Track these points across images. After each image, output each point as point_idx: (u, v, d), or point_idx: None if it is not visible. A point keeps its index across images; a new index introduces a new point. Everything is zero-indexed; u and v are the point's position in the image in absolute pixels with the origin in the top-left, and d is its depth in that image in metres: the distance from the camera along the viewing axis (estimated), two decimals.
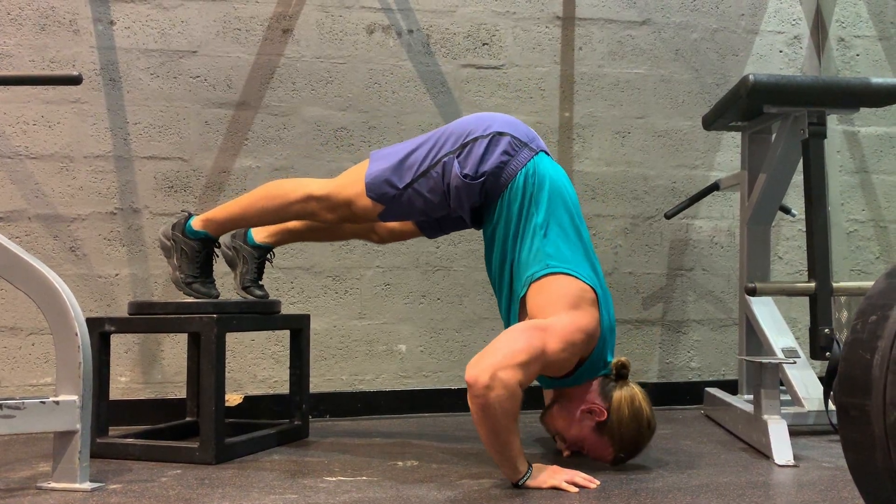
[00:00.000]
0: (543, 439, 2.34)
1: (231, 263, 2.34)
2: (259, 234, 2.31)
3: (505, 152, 1.91)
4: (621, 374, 1.89)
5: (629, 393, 1.86)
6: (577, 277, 1.84)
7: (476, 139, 1.92)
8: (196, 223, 2.19)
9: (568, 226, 1.90)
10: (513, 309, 1.94)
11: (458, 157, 1.92)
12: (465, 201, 1.94)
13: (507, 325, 1.98)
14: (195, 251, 2.19)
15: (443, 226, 2.22)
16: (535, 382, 1.92)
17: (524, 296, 1.87)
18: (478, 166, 1.90)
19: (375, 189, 1.97)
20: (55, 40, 2.73)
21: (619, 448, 1.87)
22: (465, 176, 1.90)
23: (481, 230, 2.06)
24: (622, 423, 1.84)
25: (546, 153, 1.99)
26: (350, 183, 2.01)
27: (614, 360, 1.91)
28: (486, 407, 1.63)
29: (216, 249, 2.26)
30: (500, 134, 1.93)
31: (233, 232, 2.33)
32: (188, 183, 2.80)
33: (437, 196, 1.95)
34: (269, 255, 2.35)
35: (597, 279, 1.90)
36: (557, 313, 1.79)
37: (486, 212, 1.99)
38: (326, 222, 2.10)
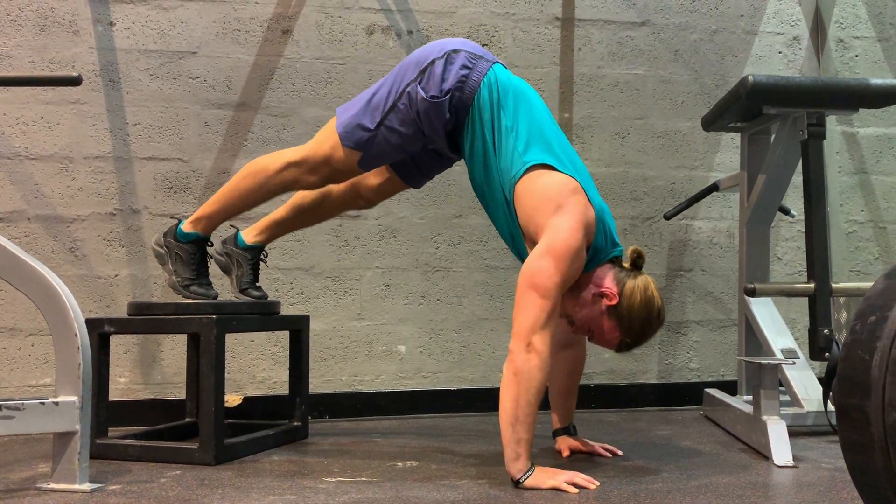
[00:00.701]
0: (542, 443, 2.34)
1: (225, 269, 2.33)
2: (248, 235, 2.31)
3: (463, 66, 1.95)
4: (636, 263, 1.93)
5: (643, 282, 1.89)
6: (553, 168, 1.87)
7: (433, 62, 1.96)
8: (186, 226, 2.20)
9: (538, 122, 1.93)
10: (511, 221, 1.95)
11: (419, 83, 1.95)
12: (437, 123, 1.96)
13: (511, 239, 2.00)
14: (189, 254, 2.20)
15: (422, 168, 2.22)
16: None
17: (514, 203, 1.90)
18: (440, 85, 1.94)
19: (349, 136, 2.00)
20: (55, 41, 2.73)
21: (627, 332, 1.89)
22: (431, 97, 1.93)
23: (461, 157, 2.08)
24: (633, 309, 1.86)
25: (501, 64, 2.03)
26: (323, 139, 2.05)
27: (630, 249, 1.93)
28: (519, 373, 1.72)
29: (209, 249, 2.26)
30: (455, 51, 1.97)
31: (223, 239, 2.33)
32: (188, 184, 2.80)
33: (410, 127, 1.98)
34: (262, 255, 2.33)
35: (573, 168, 1.91)
36: (547, 223, 1.80)
37: (459, 134, 2.01)
38: (310, 186, 2.11)
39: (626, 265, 1.93)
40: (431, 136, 2.00)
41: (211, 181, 2.81)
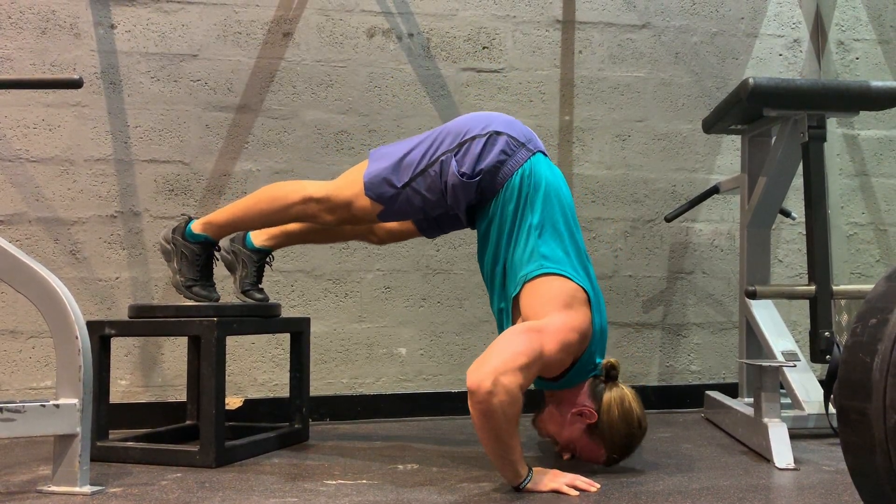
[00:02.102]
0: (543, 443, 2.33)
1: (230, 267, 2.34)
2: (258, 238, 2.31)
3: (502, 151, 1.92)
4: (611, 375, 1.90)
5: (619, 394, 1.86)
6: (569, 278, 1.85)
7: (474, 138, 1.93)
8: (196, 227, 2.19)
9: (563, 228, 1.91)
10: (505, 308, 1.95)
11: (455, 155, 1.93)
12: (462, 199, 1.95)
13: (499, 322, 1.99)
14: (195, 254, 2.19)
15: (441, 225, 2.23)
16: (531, 386, 1.92)
17: (517, 295, 1.88)
18: (475, 165, 1.91)
19: (374, 188, 1.98)
20: (56, 44, 2.74)
21: (611, 449, 1.88)
22: (463, 174, 1.91)
23: (475, 228, 2.07)
24: (612, 425, 1.84)
25: (544, 154, 2.00)
26: (349, 184, 2.02)
27: (604, 361, 1.91)
28: (489, 412, 1.62)
29: (216, 253, 2.26)
30: (498, 133, 1.94)
31: (231, 236, 2.33)
32: (188, 186, 2.80)
33: (435, 194, 1.96)
34: (268, 259, 2.34)
35: (589, 282, 1.90)
36: (550, 313, 1.79)
37: (480, 210, 2.00)
38: (326, 224, 2.10)
39: (602, 377, 1.91)
40: (453, 206, 1.98)
41: (212, 184, 2.82)
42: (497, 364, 1.64)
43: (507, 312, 1.94)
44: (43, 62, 2.73)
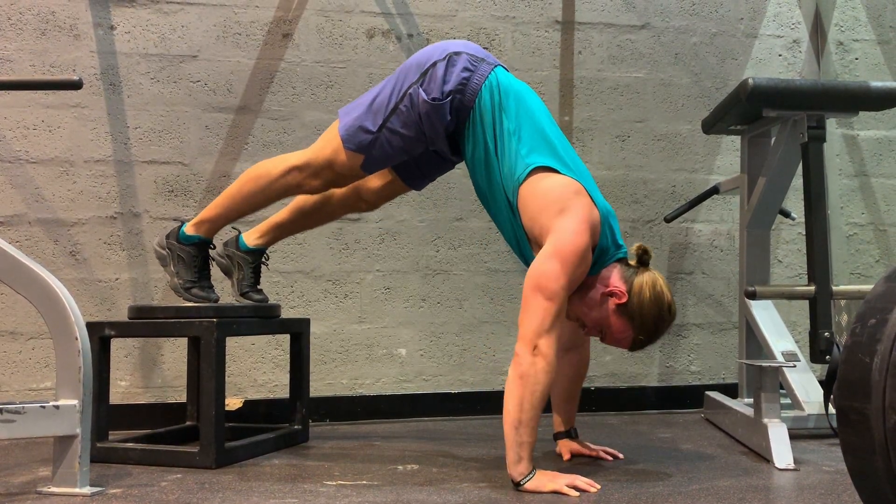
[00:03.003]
0: (544, 443, 2.33)
1: (227, 272, 2.33)
2: (250, 238, 2.31)
3: (465, 69, 1.95)
4: (643, 260, 1.91)
5: (651, 277, 1.88)
6: (556, 171, 1.87)
7: (434, 63, 1.96)
8: (189, 228, 2.20)
9: (540, 125, 1.93)
10: (516, 223, 1.94)
11: (421, 85, 1.95)
12: (438, 125, 1.96)
13: (515, 243, 1.99)
14: (191, 256, 2.20)
15: (425, 170, 2.22)
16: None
17: (518, 206, 1.89)
18: (442, 87, 1.94)
19: (352, 139, 2.00)
20: (55, 45, 2.74)
21: (639, 330, 1.88)
22: (433, 99, 1.93)
23: (462, 160, 2.08)
24: (643, 305, 1.86)
25: (504, 67, 2.03)
26: (326, 143, 2.05)
27: (634, 246, 1.92)
28: (525, 376, 1.71)
29: (211, 252, 2.26)
30: (457, 53, 1.97)
31: (224, 241, 2.33)
32: (188, 187, 2.80)
33: (412, 129, 1.98)
34: (263, 258, 2.33)
35: (576, 169, 1.91)
36: (552, 225, 1.80)
37: (461, 137, 2.01)
38: (313, 190, 2.11)
39: (633, 262, 1.93)
40: (433, 138, 2.00)
41: (211, 185, 2.82)
42: (534, 326, 1.73)
43: (518, 225, 1.93)
44: (43, 63, 2.73)
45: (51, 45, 2.73)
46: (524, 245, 1.95)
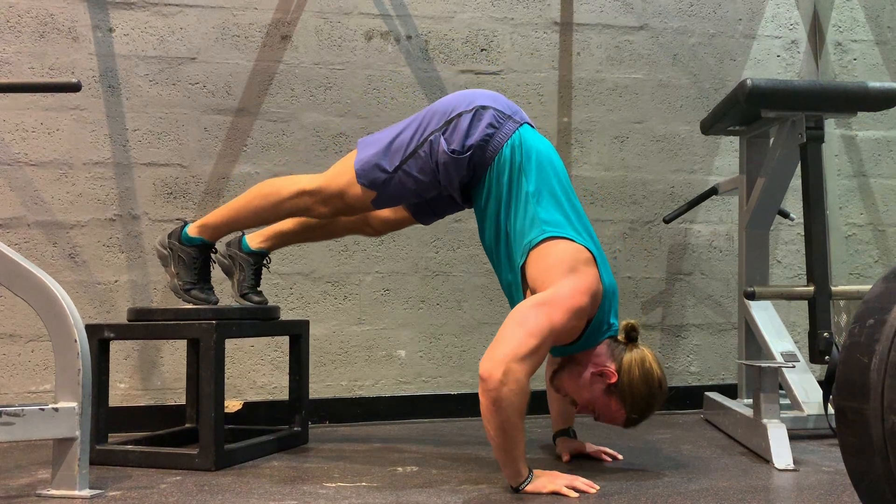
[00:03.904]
0: (544, 445, 2.34)
1: (227, 272, 2.33)
2: (253, 240, 2.31)
3: (490, 125, 1.93)
4: (631, 336, 1.91)
5: (639, 355, 1.87)
6: (572, 240, 1.85)
7: (460, 114, 1.94)
8: (192, 230, 2.19)
9: (559, 192, 1.91)
10: (513, 280, 1.95)
11: (443, 133, 1.93)
12: (454, 177, 1.95)
13: (509, 295, 1.99)
14: (192, 258, 2.19)
15: (435, 209, 2.22)
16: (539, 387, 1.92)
17: (524, 264, 1.88)
18: (464, 140, 1.92)
19: (366, 175, 1.99)
20: (54, 47, 2.74)
21: (632, 409, 1.87)
22: (453, 151, 1.92)
23: (473, 207, 2.08)
24: (633, 385, 1.85)
25: (530, 125, 2.01)
26: (340, 173, 2.03)
27: (623, 323, 1.92)
28: (498, 401, 1.63)
29: (213, 255, 2.26)
30: (484, 108, 1.95)
31: (227, 240, 2.33)
32: (187, 189, 2.80)
33: (427, 175, 1.97)
34: (265, 261, 2.34)
35: (592, 242, 1.91)
36: (556, 281, 1.79)
37: (475, 187, 2.01)
38: (321, 216, 2.11)
39: (621, 338, 1.92)
40: (446, 186, 1.99)
41: (211, 187, 2.82)
42: (507, 351, 1.65)
43: (516, 285, 1.94)
44: (41, 66, 2.73)
45: (49, 47, 2.73)
46: (518, 300, 1.94)
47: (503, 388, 1.62)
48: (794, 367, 2.27)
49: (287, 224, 2.31)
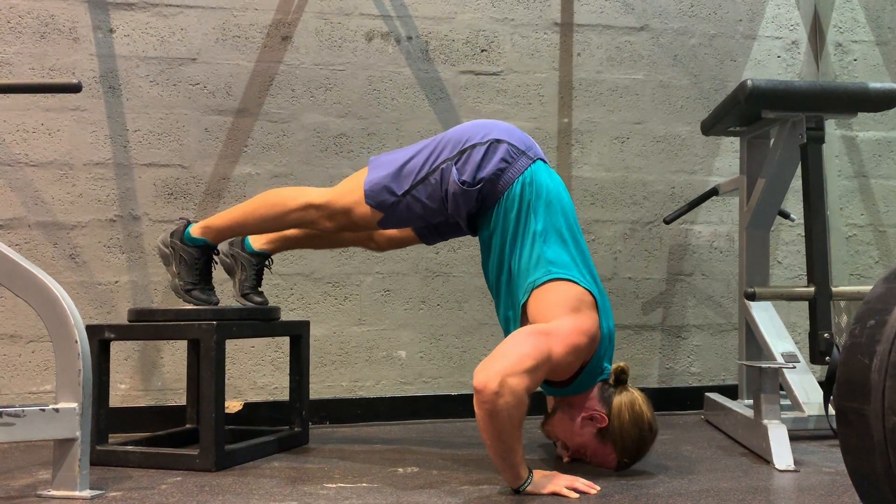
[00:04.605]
0: (545, 445, 2.33)
1: (229, 271, 2.33)
2: (257, 241, 2.31)
3: (503, 160, 1.92)
4: (620, 379, 1.90)
5: (629, 398, 1.87)
6: (577, 283, 1.85)
7: (474, 146, 1.93)
8: (195, 230, 2.19)
9: (567, 233, 1.91)
10: (512, 315, 1.95)
11: (455, 163, 1.93)
12: (462, 207, 1.95)
13: (506, 330, 1.99)
14: (194, 258, 2.19)
15: (441, 232, 2.23)
16: (540, 389, 1.92)
17: (526, 302, 1.88)
18: (475, 173, 1.91)
19: (374, 196, 1.98)
20: (55, 48, 2.74)
21: (622, 454, 1.88)
22: (463, 182, 1.91)
23: (478, 236, 2.08)
24: (623, 429, 1.85)
25: (544, 161, 2.00)
26: (349, 191, 2.02)
27: (613, 366, 1.92)
28: (494, 413, 1.62)
29: (215, 257, 2.26)
30: (498, 141, 1.94)
31: (230, 240, 2.33)
32: (188, 190, 2.80)
33: (436, 202, 1.97)
34: (267, 262, 2.34)
35: (595, 286, 1.91)
36: (559, 317, 1.79)
37: (482, 219, 2.00)
38: (325, 230, 2.11)
39: (611, 381, 1.92)
40: (453, 214, 1.99)
41: (211, 187, 2.82)
42: (505, 365, 1.64)
43: (514, 320, 1.94)
44: (42, 66, 2.73)
45: (50, 48, 2.74)
46: (514, 328, 1.94)
47: (499, 401, 1.61)
48: (794, 367, 2.27)
49: (292, 230, 2.32)
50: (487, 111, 3.01)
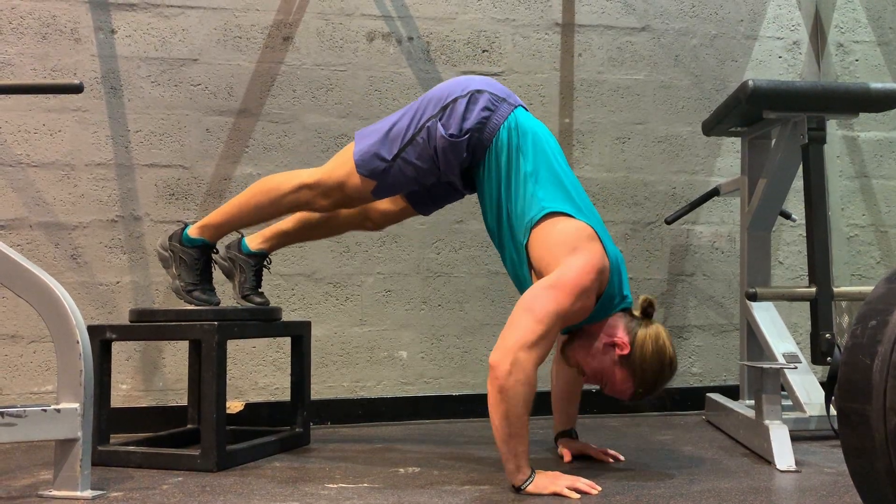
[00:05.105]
0: (545, 445, 2.33)
1: (228, 274, 2.33)
2: (253, 242, 2.31)
3: (485, 108, 1.95)
4: (647, 312, 1.92)
5: (654, 331, 1.88)
6: (571, 216, 1.87)
7: (455, 99, 1.96)
8: (193, 231, 2.20)
9: (557, 170, 1.93)
10: (517, 258, 1.96)
11: (440, 119, 1.95)
12: (454, 161, 1.97)
13: (516, 278, 2.00)
14: (194, 259, 2.20)
15: (434, 197, 2.23)
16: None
17: (528, 244, 1.89)
18: (461, 124, 1.94)
19: (365, 165, 2.00)
20: (56, 49, 2.74)
21: (640, 384, 1.88)
22: (451, 135, 1.94)
23: (475, 193, 2.09)
24: (645, 359, 1.85)
25: (524, 108, 2.03)
26: (339, 165, 2.04)
27: (642, 298, 1.93)
28: (504, 390, 1.66)
29: (214, 256, 2.26)
30: (479, 91, 1.97)
31: (227, 243, 2.33)
32: (189, 190, 2.81)
33: (426, 162, 1.98)
34: (265, 262, 2.34)
35: (591, 216, 1.92)
36: (560, 262, 1.80)
37: (475, 172, 2.02)
38: (321, 209, 2.12)
39: (637, 314, 1.93)
40: (446, 172, 2.00)
41: (212, 188, 2.82)
42: (516, 339, 1.68)
43: (520, 263, 1.95)
44: (44, 67, 2.73)
45: (52, 48, 2.74)
46: (525, 283, 1.96)
47: (510, 379, 1.66)
48: (795, 368, 2.27)
49: (286, 223, 2.32)
50: None
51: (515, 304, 1.75)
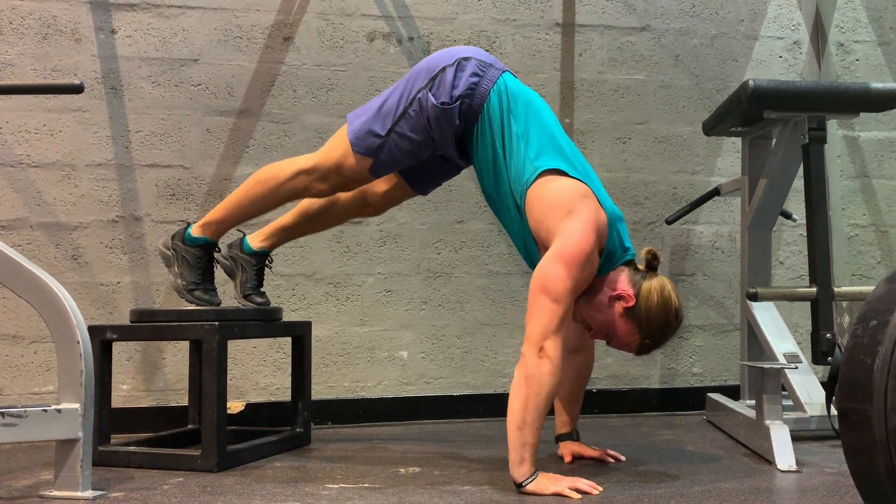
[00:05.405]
0: (546, 445, 2.33)
1: (230, 273, 2.33)
2: (254, 241, 2.31)
3: (473, 74, 1.97)
4: (651, 264, 1.93)
5: (659, 283, 1.90)
6: (565, 173, 1.88)
7: (444, 69, 1.97)
8: (195, 230, 2.20)
9: (547, 128, 1.94)
10: (518, 217, 1.96)
11: (430, 90, 1.97)
12: (447, 129, 1.98)
13: (523, 247, 2.00)
14: (196, 258, 2.20)
15: (431, 174, 2.23)
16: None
17: (525, 207, 1.90)
18: (451, 92, 1.95)
19: (360, 143, 2.01)
20: (57, 49, 2.74)
21: (646, 334, 1.88)
22: (442, 104, 1.95)
23: (469, 165, 2.10)
24: (651, 310, 1.86)
25: (511, 73, 2.04)
26: (334, 147, 2.06)
27: (645, 250, 1.94)
28: (531, 377, 1.71)
29: (216, 255, 2.26)
30: (466, 59, 1.99)
31: (229, 242, 2.33)
32: (190, 191, 2.81)
33: (421, 134, 1.99)
34: (267, 261, 2.34)
35: (585, 173, 1.92)
36: (558, 227, 1.81)
37: (469, 141, 2.03)
38: (320, 194, 2.12)
39: (641, 267, 1.94)
40: (441, 143, 2.01)
41: (213, 188, 2.82)
42: (542, 329, 1.73)
43: (524, 228, 1.95)
44: (44, 67, 2.73)
45: (52, 49, 2.74)
46: (531, 248, 1.96)
47: (540, 368, 1.71)
48: (796, 368, 2.27)
49: (286, 218, 2.32)
50: None
51: (530, 285, 1.78)
